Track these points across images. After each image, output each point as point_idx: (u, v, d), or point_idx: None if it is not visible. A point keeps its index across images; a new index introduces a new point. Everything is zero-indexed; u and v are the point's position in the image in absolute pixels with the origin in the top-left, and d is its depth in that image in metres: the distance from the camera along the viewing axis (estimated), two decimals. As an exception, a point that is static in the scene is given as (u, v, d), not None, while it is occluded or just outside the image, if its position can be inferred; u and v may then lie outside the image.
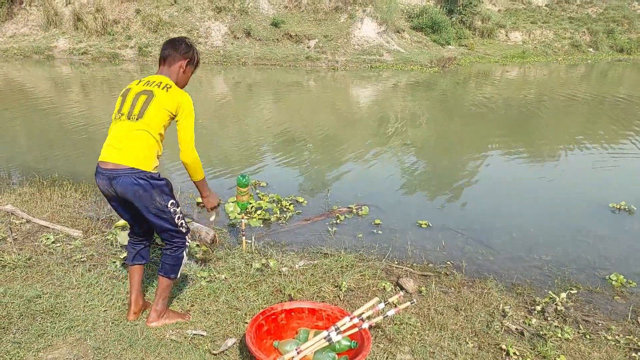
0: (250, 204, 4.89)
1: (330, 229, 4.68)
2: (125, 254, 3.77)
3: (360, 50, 19.73)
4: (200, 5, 20.62)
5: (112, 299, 3.14)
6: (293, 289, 3.31)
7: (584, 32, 27.51)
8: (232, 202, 4.81)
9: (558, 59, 24.09)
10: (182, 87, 2.85)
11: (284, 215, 4.89)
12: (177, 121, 2.71)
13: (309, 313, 2.74)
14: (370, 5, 20.96)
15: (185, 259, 2.86)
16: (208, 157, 6.83)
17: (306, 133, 8.95)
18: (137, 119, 2.61)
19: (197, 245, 3.97)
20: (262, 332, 2.57)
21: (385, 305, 2.79)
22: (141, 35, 19.54)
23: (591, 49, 26.55)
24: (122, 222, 4.12)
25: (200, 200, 5.04)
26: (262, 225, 4.68)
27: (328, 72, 17.61)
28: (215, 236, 4.09)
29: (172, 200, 2.72)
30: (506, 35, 26.09)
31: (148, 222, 2.76)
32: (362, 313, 2.68)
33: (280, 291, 3.30)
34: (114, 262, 3.67)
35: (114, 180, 2.58)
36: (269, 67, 18.10)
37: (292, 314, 2.73)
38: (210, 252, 3.93)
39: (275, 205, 5.09)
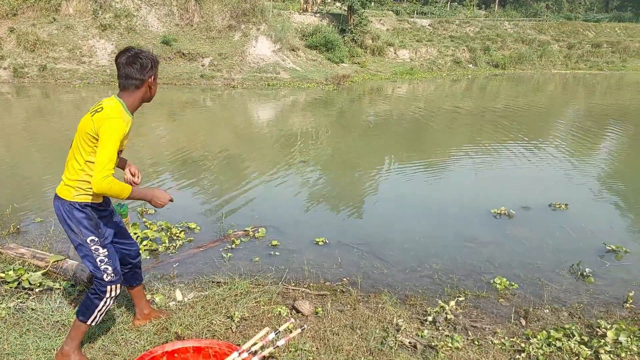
0: (136, 234, 4.55)
1: (224, 255, 4.48)
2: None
3: (257, 68, 19.70)
4: (82, 23, 19.45)
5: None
6: (180, 325, 3.08)
7: (464, 49, 29.85)
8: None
9: (442, 75, 25.85)
10: (152, 97, 2.67)
11: (174, 244, 4.60)
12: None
13: (195, 352, 2.53)
14: (264, 24, 21.07)
15: (101, 308, 2.63)
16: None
17: (202, 154, 8.65)
18: (70, 147, 2.59)
19: (72, 285, 3.59)
20: (140, 380, 2.33)
21: (277, 334, 2.67)
22: (16, 55, 17.97)
23: (471, 65, 28.84)
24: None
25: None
26: (148, 257, 4.35)
27: (225, 90, 17.34)
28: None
29: (92, 237, 2.57)
30: (395, 53, 27.53)
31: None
32: (252, 346, 2.54)
33: (166, 329, 3.05)
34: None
35: (53, 203, 2.62)
36: (161, 86, 17.40)
37: (175, 355, 2.50)
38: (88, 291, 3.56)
39: (164, 234, 4.78)
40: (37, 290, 3.55)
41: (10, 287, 3.55)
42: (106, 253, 2.59)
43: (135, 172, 2.84)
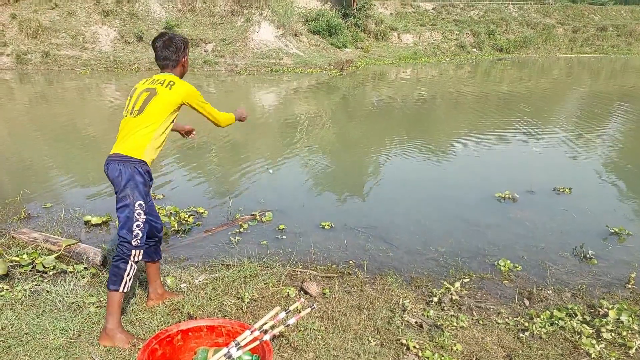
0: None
1: (233, 238, 4.55)
2: None
3: (260, 54, 19.64)
4: (84, 9, 19.38)
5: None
6: (192, 306, 3.16)
7: (468, 33, 29.59)
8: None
9: (446, 59, 25.67)
10: (185, 73, 3.12)
11: (183, 228, 4.68)
12: (197, 111, 3.07)
13: (208, 331, 2.62)
14: (266, 9, 20.94)
15: (129, 272, 2.78)
16: (98, 171, 6.37)
17: (207, 140, 8.69)
18: (137, 114, 2.81)
19: (85, 268, 3.67)
20: (156, 357, 2.41)
21: (287, 313, 2.74)
22: (19, 42, 17.95)
23: (475, 49, 28.61)
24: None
25: (88, 218, 4.73)
26: (159, 241, 4.43)
27: (228, 77, 17.31)
28: (105, 257, 3.80)
29: (141, 202, 2.77)
30: (398, 38, 27.33)
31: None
32: (263, 325, 2.61)
33: (179, 310, 3.13)
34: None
35: (108, 165, 2.80)
36: (165, 73, 17.36)
37: (190, 333, 2.58)
38: (101, 274, 3.65)
39: (172, 218, 4.85)
40: (50, 273, 3.63)
41: (25, 270, 3.64)
42: (144, 220, 2.80)
43: (191, 129, 3.55)
